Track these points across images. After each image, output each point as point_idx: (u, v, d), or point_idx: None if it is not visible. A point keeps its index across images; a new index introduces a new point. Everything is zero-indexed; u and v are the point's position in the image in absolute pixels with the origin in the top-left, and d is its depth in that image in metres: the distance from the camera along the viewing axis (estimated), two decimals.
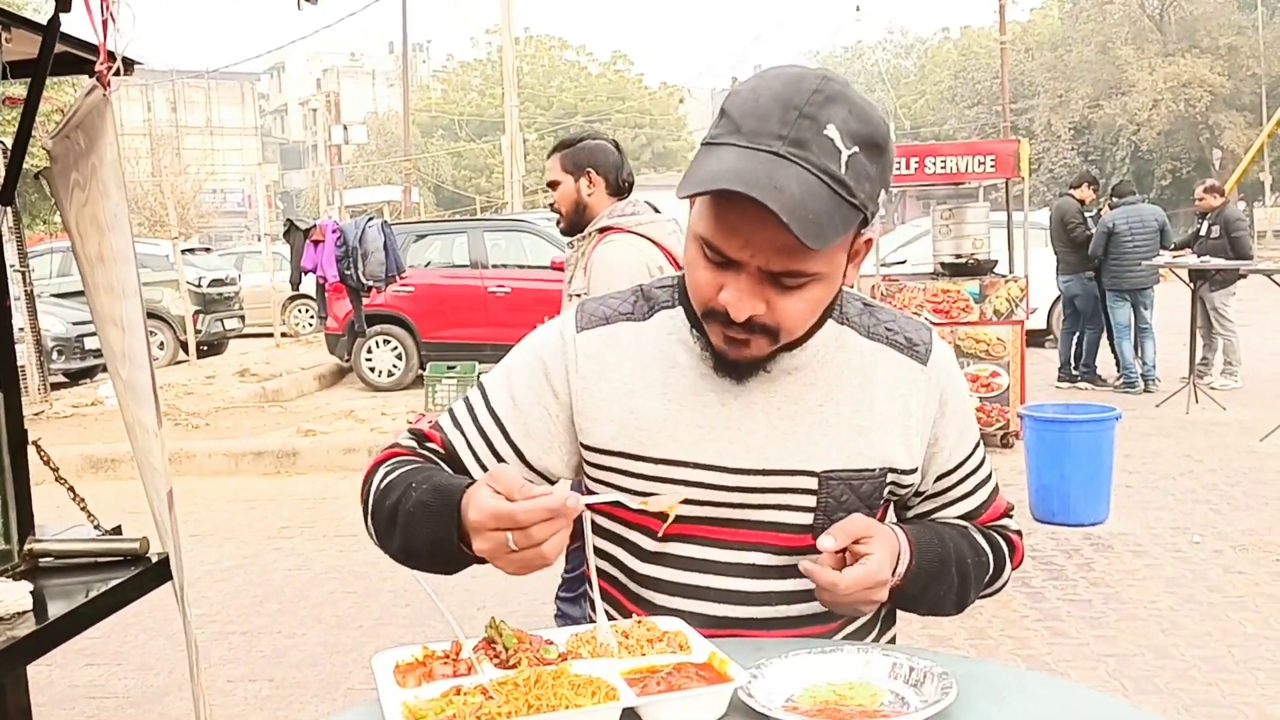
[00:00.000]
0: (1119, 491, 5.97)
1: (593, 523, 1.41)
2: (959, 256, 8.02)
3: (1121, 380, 9.71)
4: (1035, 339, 10.91)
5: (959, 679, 1.13)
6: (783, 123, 1.13)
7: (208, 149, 47.63)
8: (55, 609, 2.08)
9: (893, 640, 1.48)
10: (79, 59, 2.44)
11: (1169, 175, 36.93)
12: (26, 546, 2.30)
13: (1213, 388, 9.20)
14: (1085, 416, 5.83)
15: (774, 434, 1.30)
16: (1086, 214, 9.90)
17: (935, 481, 1.41)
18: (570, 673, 1.07)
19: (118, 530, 2.61)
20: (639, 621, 1.21)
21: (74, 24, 2.29)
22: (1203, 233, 9.55)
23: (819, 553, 1.26)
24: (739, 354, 1.25)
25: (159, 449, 2.16)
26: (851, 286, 1.36)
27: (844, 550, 1.24)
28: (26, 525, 2.38)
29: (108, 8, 1.70)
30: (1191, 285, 9.15)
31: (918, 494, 1.42)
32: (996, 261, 8.09)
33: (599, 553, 1.42)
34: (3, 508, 2.24)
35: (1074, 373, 10.08)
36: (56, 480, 2.45)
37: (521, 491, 1.11)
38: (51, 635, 2.01)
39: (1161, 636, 4.23)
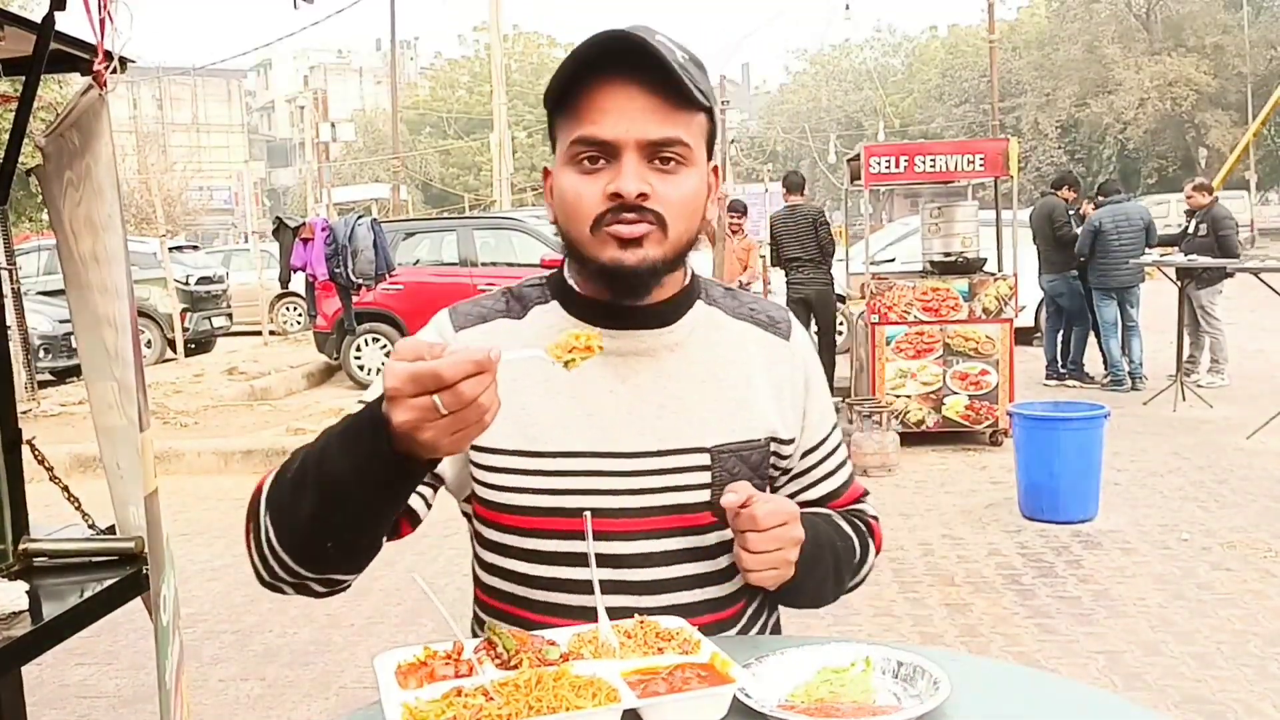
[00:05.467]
0: (1107, 489, 6.00)
1: (480, 536, 1.39)
2: (948, 255, 8.05)
3: (1109, 378, 9.76)
4: (1023, 337, 10.94)
5: (949, 675, 1.14)
6: (620, 34, 1.23)
7: (194, 146, 47.45)
8: (51, 609, 2.07)
9: (776, 624, 1.50)
10: (72, 57, 2.43)
11: (1155, 174, 37.10)
12: (21, 546, 2.30)
13: (1200, 386, 9.25)
14: (1075, 414, 5.85)
15: (664, 414, 1.32)
16: (1070, 213, 9.93)
17: (801, 459, 1.45)
18: (571, 674, 1.07)
19: (111, 530, 2.61)
20: (641, 621, 1.22)
21: (66, 21, 2.29)
22: (1190, 231, 9.59)
23: (719, 526, 1.32)
24: (637, 256, 1.25)
25: (148, 449, 2.14)
26: (713, 220, 1.38)
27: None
28: (21, 524, 2.37)
29: (105, 7, 1.69)
30: (1179, 283, 9.20)
31: (784, 472, 1.45)
32: (985, 260, 8.12)
33: (489, 568, 1.39)
34: None
35: (1061, 370, 10.12)
36: (51, 480, 2.45)
37: (432, 351, 1.03)
38: (48, 635, 2.00)
39: (1150, 633, 4.25)
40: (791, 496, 1.44)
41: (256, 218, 18.42)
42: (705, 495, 1.32)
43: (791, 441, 1.41)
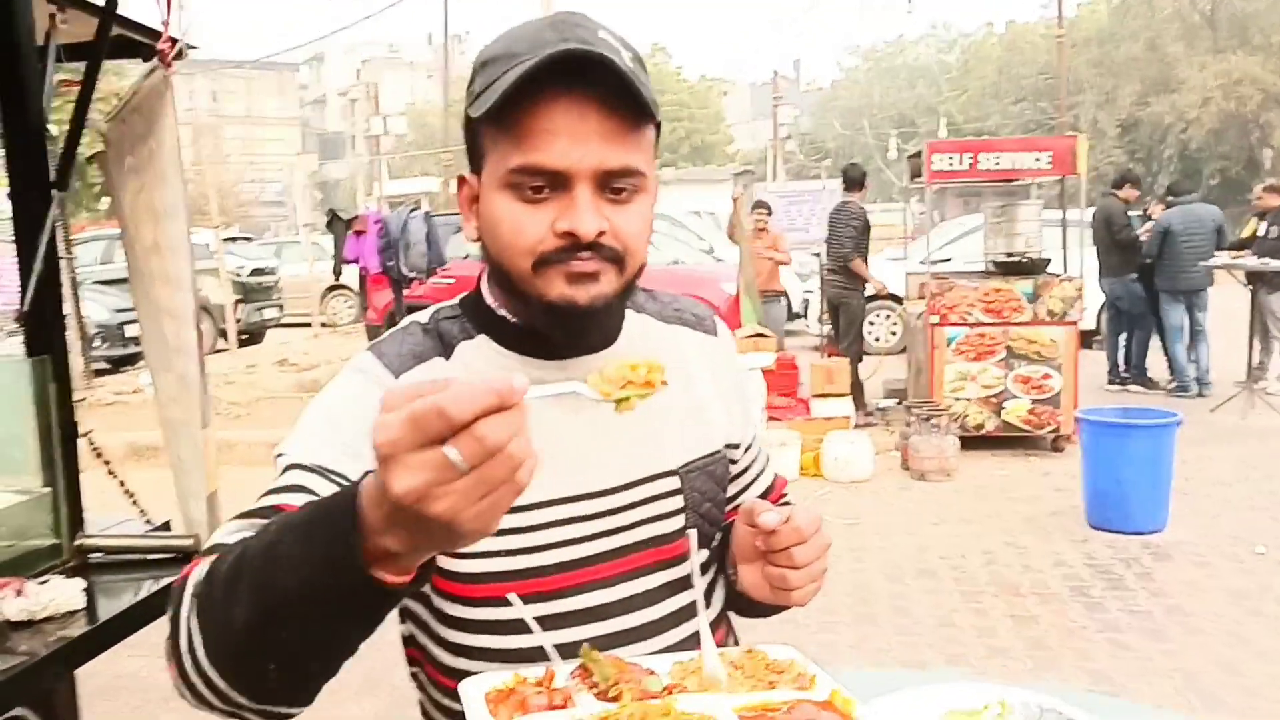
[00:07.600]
0: (1174, 499, 5.80)
1: (441, 614, 1.20)
2: (1011, 255, 7.87)
3: (1174, 384, 9.50)
4: (1083, 340, 10.70)
5: None
6: (560, 36, 1.05)
7: (248, 139, 48.01)
8: (106, 608, 2.01)
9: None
10: (134, 42, 2.38)
11: (1218, 174, 36.32)
12: (77, 541, 2.25)
13: (1269, 393, 8.97)
14: (1146, 421, 5.67)
15: (624, 442, 1.19)
16: (1131, 214, 9.67)
17: (744, 454, 1.34)
18: (678, 709, 0.98)
19: (167, 526, 2.56)
20: (750, 651, 1.12)
21: (129, 6, 2.24)
22: (1261, 233, 9.32)
23: (703, 557, 1.22)
24: (590, 293, 1.09)
25: (210, 448, 2.09)
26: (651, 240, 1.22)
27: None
28: (77, 519, 2.32)
29: None
30: (1249, 287, 8.93)
31: (734, 478, 1.34)
32: (1049, 260, 7.92)
33: (455, 649, 1.20)
34: (54, 502, 2.18)
35: (1123, 375, 9.87)
36: (109, 474, 2.40)
37: (435, 387, 0.75)
38: (104, 636, 1.94)
39: (1228, 651, 4.09)
40: (734, 497, 1.33)
41: (309, 210, 18.56)
42: (680, 521, 1.21)
43: (739, 445, 1.31)
